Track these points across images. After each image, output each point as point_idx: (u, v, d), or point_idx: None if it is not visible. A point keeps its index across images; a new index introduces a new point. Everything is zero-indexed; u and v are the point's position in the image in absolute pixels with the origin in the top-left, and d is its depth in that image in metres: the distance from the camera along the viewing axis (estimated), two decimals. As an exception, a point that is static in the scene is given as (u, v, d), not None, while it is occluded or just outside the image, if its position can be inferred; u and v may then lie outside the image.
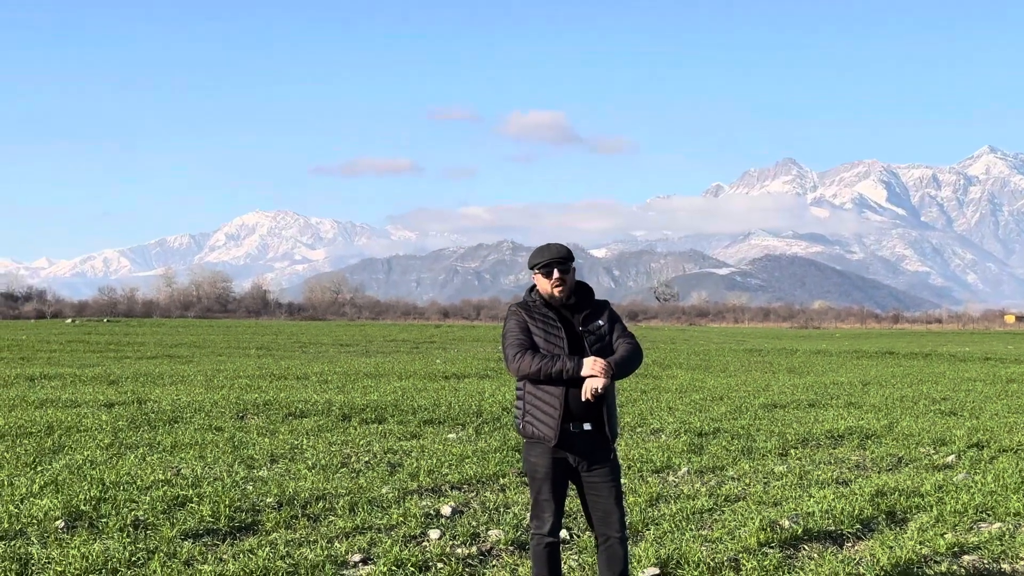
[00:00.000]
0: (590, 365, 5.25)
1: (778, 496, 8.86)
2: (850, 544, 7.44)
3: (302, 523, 7.70)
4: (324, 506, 8.22)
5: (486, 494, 8.91)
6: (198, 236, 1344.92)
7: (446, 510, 8.12)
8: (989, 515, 8.25)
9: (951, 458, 11.00)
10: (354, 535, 7.38)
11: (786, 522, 7.70)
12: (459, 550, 7.05)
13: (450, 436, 12.44)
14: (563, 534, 7.33)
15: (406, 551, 6.88)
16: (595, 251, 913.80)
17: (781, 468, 10.31)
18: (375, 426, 13.28)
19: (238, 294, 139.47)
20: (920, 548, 7.14)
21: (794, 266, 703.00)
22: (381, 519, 7.81)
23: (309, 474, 9.59)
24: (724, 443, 11.85)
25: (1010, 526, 7.85)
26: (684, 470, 10.10)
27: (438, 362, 28.31)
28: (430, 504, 8.39)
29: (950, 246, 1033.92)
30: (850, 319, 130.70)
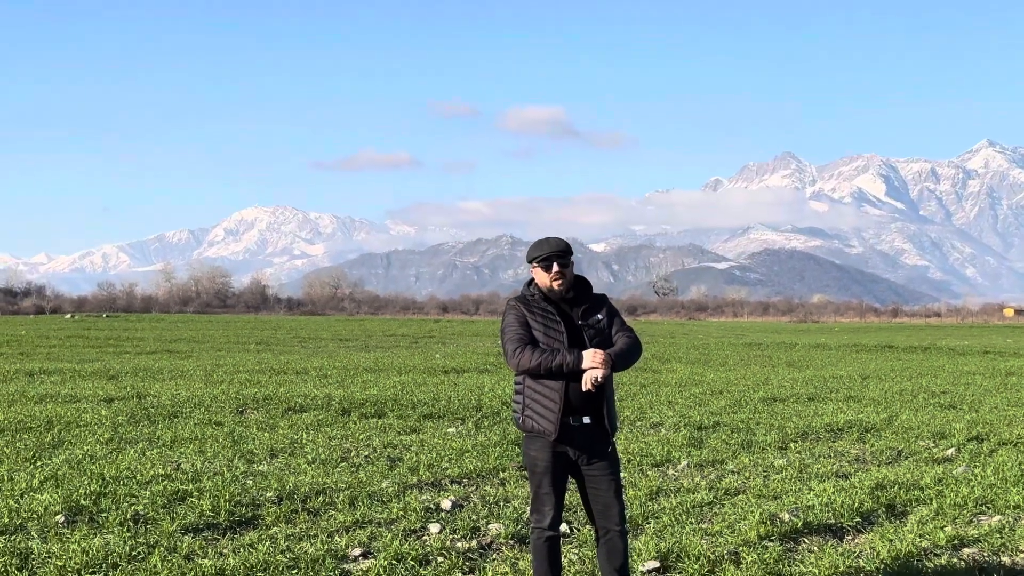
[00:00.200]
0: (590, 357, 5.23)
1: (778, 489, 8.86)
2: (850, 537, 7.45)
3: (302, 517, 7.71)
4: (324, 500, 8.22)
5: (486, 488, 8.92)
6: (197, 231, 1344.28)
7: (446, 504, 8.12)
8: (989, 508, 8.25)
9: (951, 451, 11.01)
10: (354, 529, 7.38)
11: (786, 515, 7.70)
12: (459, 544, 7.05)
13: (450, 430, 12.45)
14: (563, 528, 7.34)
15: (406, 545, 6.88)
16: (594, 245, 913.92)
17: (781, 462, 10.32)
18: (375, 421, 13.28)
19: (237, 289, 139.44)
20: (920, 541, 7.14)
21: (793, 260, 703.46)
22: (381, 513, 7.81)
23: (309, 468, 9.59)
24: (724, 437, 11.86)
25: (1010, 519, 7.86)
26: (684, 464, 10.11)
27: (437, 357, 28.30)
28: (430, 498, 8.39)
29: (949, 240, 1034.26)
30: (849, 313, 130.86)
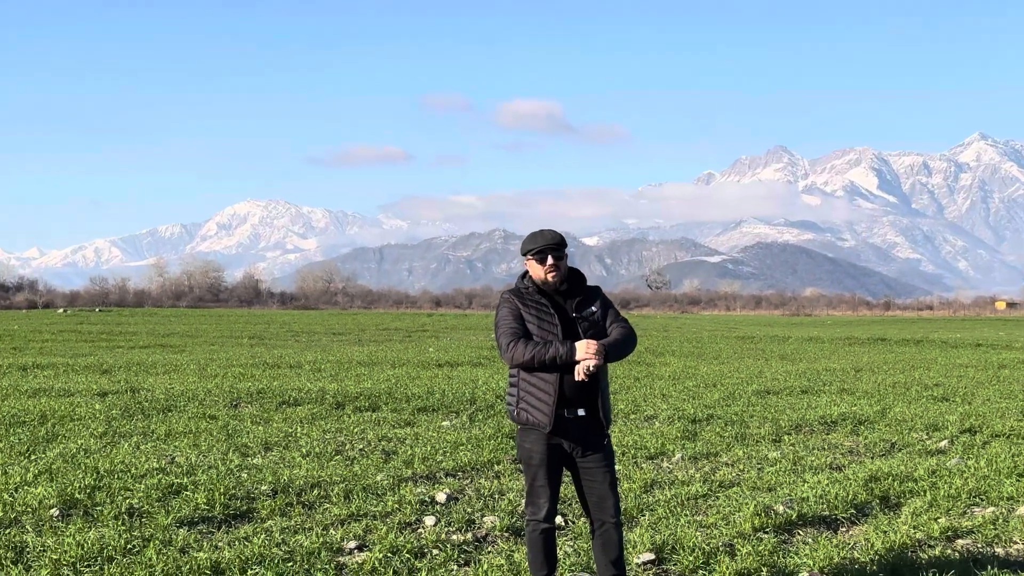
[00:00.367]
0: (583, 348, 5.23)
1: (772, 482, 8.89)
2: (844, 529, 7.47)
3: (297, 510, 7.71)
4: (319, 493, 8.22)
5: (481, 481, 8.93)
6: (189, 226, 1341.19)
7: (441, 497, 8.13)
8: (982, 499, 8.28)
9: (944, 443, 11.04)
10: (349, 522, 7.38)
11: (780, 507, 7.72)
12: (454, 536, 7.06)
13: (444, 423, 12.45)
14: (559, 520, 7.35)
15: (401, 538, 6.89)
16: (587, 239, 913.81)
17: (775, 454, 10.35)
18: (369, 414, 13.28)
19: (230, 284, 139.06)
20: (914, 532, 7.17)
21: (785, 254, 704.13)
22: (376, 506, 7.82)
23: (304, 462, 9.59)
24: (718, 429, 11.89)
25: (1003, 510, 7.89)
26: (678, 456, 10.13)
27: (431, 350, 28.30)
28: (425, 491, 8.39)
29: (941, 233, 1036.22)
30: (842, 306, 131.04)
